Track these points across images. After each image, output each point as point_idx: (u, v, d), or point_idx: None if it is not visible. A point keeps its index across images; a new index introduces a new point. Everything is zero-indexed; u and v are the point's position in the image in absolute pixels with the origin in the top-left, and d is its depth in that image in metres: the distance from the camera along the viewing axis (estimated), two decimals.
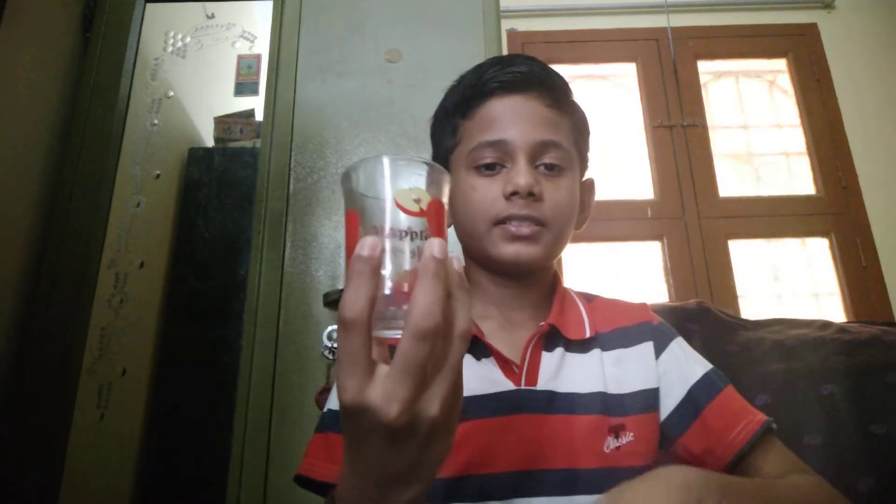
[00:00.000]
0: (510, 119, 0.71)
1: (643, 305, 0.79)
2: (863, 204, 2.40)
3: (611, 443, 0.65)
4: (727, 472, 0.65)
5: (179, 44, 2.25)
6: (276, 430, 1.40)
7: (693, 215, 2.38)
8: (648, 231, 2.39)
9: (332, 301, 1.49)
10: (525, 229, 0.68)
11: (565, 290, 0.78)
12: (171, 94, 2.23)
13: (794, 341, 1.12)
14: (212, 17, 2.35)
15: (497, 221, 0.69)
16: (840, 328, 1.18)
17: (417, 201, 0.40)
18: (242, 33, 2.42)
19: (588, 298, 0.79)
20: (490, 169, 0.70)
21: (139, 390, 1.99)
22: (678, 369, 0.71)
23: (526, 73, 0.72)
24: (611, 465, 0.64)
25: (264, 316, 1.48)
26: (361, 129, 1.64)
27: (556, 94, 0.73)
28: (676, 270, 2.29)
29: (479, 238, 0.70)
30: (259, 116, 2.43)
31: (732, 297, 2.25)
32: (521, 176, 0.68)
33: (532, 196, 0.68)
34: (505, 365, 0.67)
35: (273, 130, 1.65)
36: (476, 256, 0.74)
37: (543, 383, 0.67)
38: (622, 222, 2.34)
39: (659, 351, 0.72)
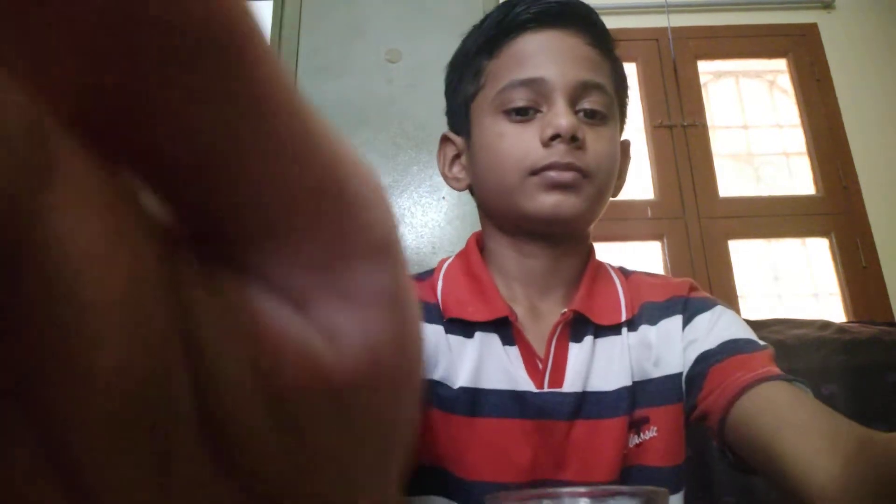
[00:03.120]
0: (546, 55, 0.62)
1: (685, 280, 0.68)
2: (863, 204, 2.40)
3: (631, 440, 0.59)
4: (721, 428, 0.55)
5: None
6: None
7: (693, 215, 2.38)
8: (648, 231, 2.39)
9: None
10: (567, 175, 0.59)
11: (599, 265, 0.69)
12: None
13: (794, 341, 1.12)
14: None
15: (533, 171, 0.60)
16: (840, 328, 1.19)
17: None
18: None
19: (625, 273, 0.70)
20: (522, 114, 0.61)
21: None
22: (698, 338, 0.62)
23: (563, 3, 0.63)
24: (628, 465, 0.58)
25: None
26: (362, 129, 1.64)
27: (598, 33, 0.64)
28: (677, 270, 2.29)
29: (509, 192, 0.61)
30: None
31: (733, 297, 2.25)
32: (562, 117, 0.58)
33: (575, 142, 0.59)
34: (529, 359, 0.61)
35: None
36: (503, 218, 0.65)
37: (570, 383, 0.60)
38: (622, 222, 2.34)
39: (685, 324, 0.63)
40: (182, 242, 0.10)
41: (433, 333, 0.62)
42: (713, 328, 0.62)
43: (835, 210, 2.41)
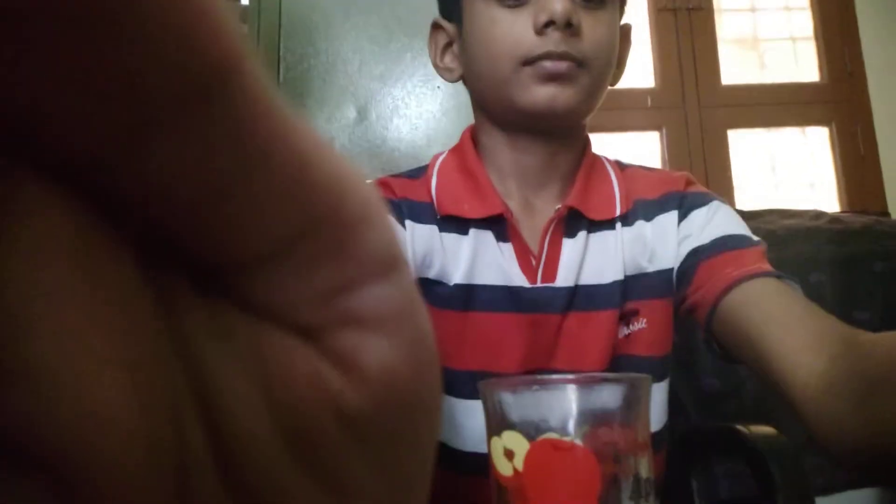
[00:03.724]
0: None
1: (682, 175, 0.68)
2: (866, 91, 2.35)
3: (621, 331, 0.61)
4: (709, 321, 0.57)
5: None
6: None
7: (693, 104, 2.33)
8: (647, 121, 2.35)
9: None
10: (562, 65, 0.57)
11: (595, 159, 0.67)
12: None
13: (785, 231, 1.13)
14: None
15: (526, 61, 0.58)
16: (833, 218, 1.20)
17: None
18: None
19: (621, 167, 0.69)
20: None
21: None
22: (692, 233, 0.62)
23: None
24: (617, 354, 0.60)
25: None
26: (352, 12, 1.57)
27: None
28: (674, 162, 2.27)
29: (502, 83, 0.60)
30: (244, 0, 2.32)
31: (729, 189, 2.25)
32: (556, 1, 0.56)
33: (570, 28, 0.57)
34: (523, 255, 0.61)
35: (260, 15, 1.58)
36: (496, 110, 0.64)
37: (563, 278, 0.60)
38: (620, 112, 2.30)
39: (681, 220, 0.63)
40: (180, 282, 0.10)
41: (427, 233, 0.62)
42: (707, 224, 0.62)
43: (837, 98, 2.36)
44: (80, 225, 0.08)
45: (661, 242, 0.63)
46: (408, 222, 0.62)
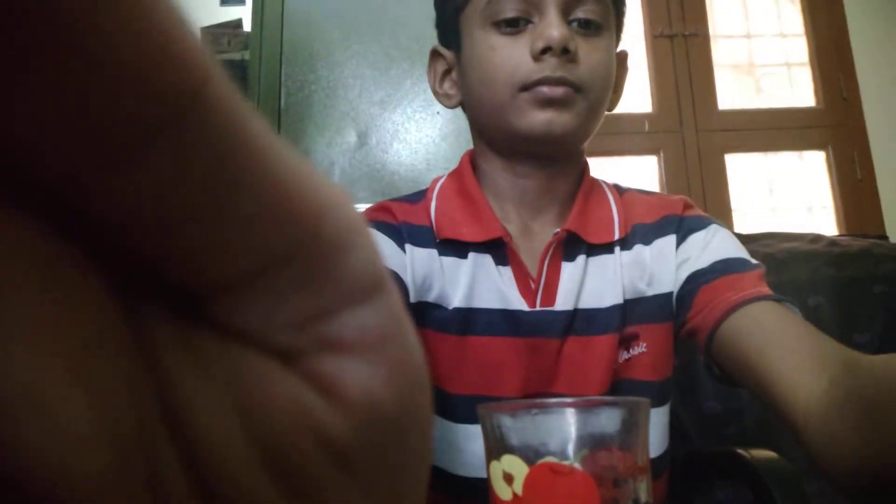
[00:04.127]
0: None
1: (680, 199, 0.68)
2: (862, 115, 2.37)
3: (621, 355, 0.61)
4: (708, 345, 0.57)
5: None
6: None
7: (691, 128, 2.35)
8: (645, 146, 2.36)
9: None
10: (559, 90, 0.58)
11: (594, 182, 0.68)
12: None
13: (784, 254, 1.13)
14: None
15: (524, 86, 0.58)
16: (831, 241, 1.20)
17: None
18: None
19: (620, 191, 0.69)
20: (512, 25, 0.59)
21: None
22: (691, 257, 0.62)
23: None
24: (617, 379, 0.60)
25: None
26: (353, 39, 1.59)
27: None
28: (672, 185, 2.28)
29: (500, 109, 0.60)
30: (247, 27, 2.35)
31: (727, 212, 2.26)
32: (553, 28, 0.57)
33: (567, 54, 0.57)
34: (522, 279, 0.61)
35: (262, 42, 1.60)
36: (494, 135, 0.64)
37: (563, 301, 0.60)
38: (618, 136, 2.31)
39: (679, 244, 0.63)
40: (154, 304, 0.09)
41: (427, 257, 0.63)
42: (706, 247, 0.62)
43: (833, 122, 2.38)
44: (50, 247, 0.08)
45: (660, 266, 0.63)
46: (408, 246, 0.63)
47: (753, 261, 0.61)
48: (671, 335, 0.63)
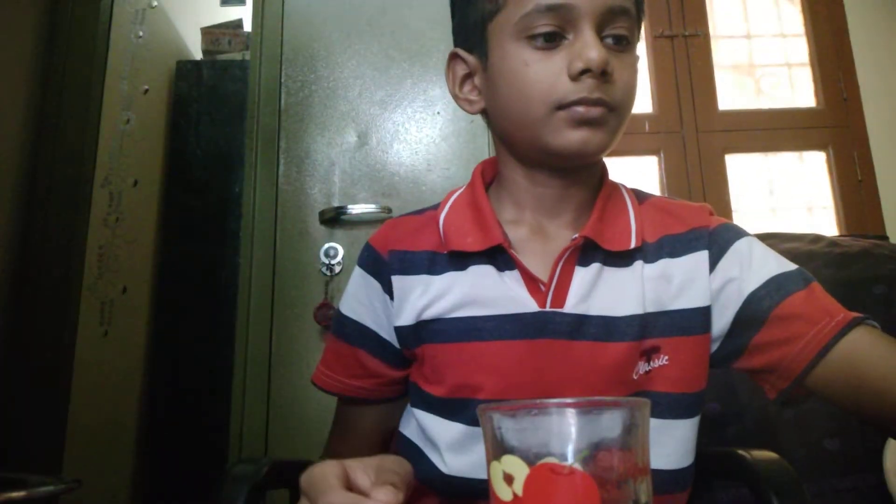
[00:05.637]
0: None
1: (702, 207, 0.67)
2: (863, 116, 2.37)
3: (641, 367, 0.59)
4: (795, 388, 0.58)
5: None
6: (276, 341, 1.44)
7: (691, 129, 2.35)
8: (646, 146, 2.36)
9: (328, 219, 1.49)
10: (595, 111, 0.58)
11: (613, 188, 0.67)
12: (155, 3, 2.15)
13: (784, 255, 1.13)
14: None
15: (560, 106, 0.58)
16: (831, 242, 1.20)
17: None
18: None
19: (640, 197, 0.68)
20: (548, 41, 0.58)
21: (140, 307, 2.02)
22: (739, 276, 0.61)
23: None
24: (638, 391, 0.59)
25: (261, 234, 1.49)
26: (353, 40, 1.59)
27: None
28: (672, 186, 2.28)
29: (532, 124, 0.60)
30: (247, 27, 2.35)
31: (727, 213, 2.25)
32: (592, 49, 0.56)
33: (604, 75, 0.57)
34: (531, 282, 0.61)
35: (262, 42, 1.60)
36: (520, 147, 0.64)
37: (573, 305, 0.60)
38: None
39: (715, 260, 0.62)
40: None
41: (418, 281, 0.64)
42: (750, 264, 0.62)
43: (834, 123, 2.38)
44: None
45: (690, 281, 0.62)
46: (394, 278, 0.65)
47: (793, 266, 0.62)
48: (703, 348, 0.62)
